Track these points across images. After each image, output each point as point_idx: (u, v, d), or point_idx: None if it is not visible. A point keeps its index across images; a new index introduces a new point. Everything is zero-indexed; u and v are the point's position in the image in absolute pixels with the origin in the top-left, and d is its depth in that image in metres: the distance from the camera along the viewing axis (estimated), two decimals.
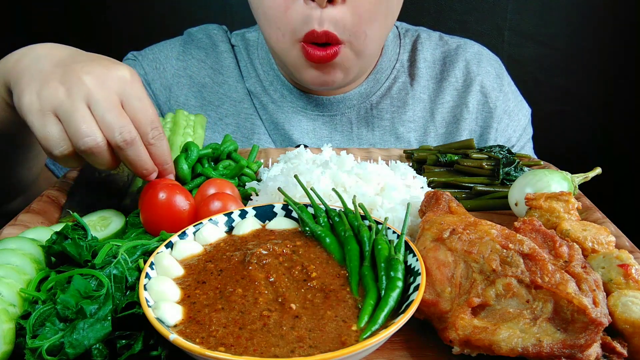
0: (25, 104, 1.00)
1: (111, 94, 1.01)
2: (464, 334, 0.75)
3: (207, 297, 0.79)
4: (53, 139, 0.99)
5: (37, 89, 1.00)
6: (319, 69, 1.46)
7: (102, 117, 0.99)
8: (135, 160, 1.05)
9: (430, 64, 1.76)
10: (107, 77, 1.02)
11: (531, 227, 0.87)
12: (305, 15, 1.36)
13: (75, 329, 0.72)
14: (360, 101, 1.70)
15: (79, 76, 1.00)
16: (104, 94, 1.00)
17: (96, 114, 0.99)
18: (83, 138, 0.97)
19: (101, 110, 0.99)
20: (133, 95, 1.04)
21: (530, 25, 2.56)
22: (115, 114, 1.00)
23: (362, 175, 1.15)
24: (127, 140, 1.01)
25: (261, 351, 0.68)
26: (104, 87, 1.00)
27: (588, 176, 1.22)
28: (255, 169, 1.37)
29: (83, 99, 0.98)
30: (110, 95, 1.01)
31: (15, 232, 1.06)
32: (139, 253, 0.89)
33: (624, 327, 0.74)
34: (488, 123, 1.73)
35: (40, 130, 0.99)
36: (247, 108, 1.72)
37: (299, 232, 0.97)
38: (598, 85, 2.65)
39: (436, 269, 0.83)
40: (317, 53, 1.40)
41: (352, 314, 0.75)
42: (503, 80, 1.78)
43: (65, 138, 0.99)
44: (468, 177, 1.36)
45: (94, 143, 0.98)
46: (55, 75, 1.01)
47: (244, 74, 1.74)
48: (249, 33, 1.80)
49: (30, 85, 1.01)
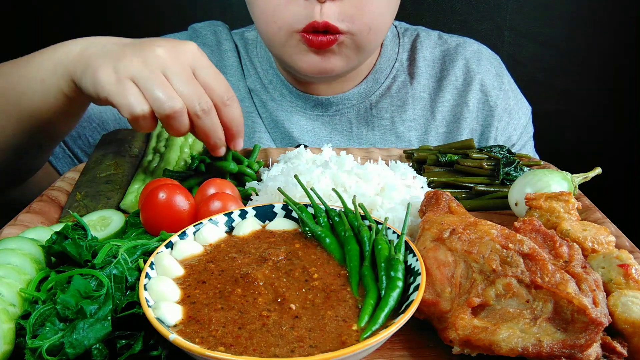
0: (102, 79, 1.05)
1: (185, 66, 1.08)
2: (464, 334, 0.75)
3: (206, 297, 0.79)
4: (135, 99, 1.04)
5: (113, 64, 1.06)
6: (318, 54, 1.44)
7: (180, 87, 1.06)
8: (211, 129, 1.13)
9: (429, 62, 1.75)
10: (178, 50, 1.09)
11: (531, 227, 0.87)
12: (304, 10, 1.35)
13: (75, 329, 0.72)
14: (360, 101, 1.69)
15: (152, 49, 1.07)
16: (178, 65, 1.07)
17: (174, 84, 1.05)
18: (165, 103, 1.04)
19: (178, 81, 1.06)
20: (205, 65, 1.12)
21: (530, 25, 2.56)
22: (193, 84, 1.07)
23: (362, 175, 1.15)
24: (205, 109, 1.08)
25: (261, 351, 0.68)
26: (177, 59, 1.08)
27: (588, 176, 1.22)
28: (256, 169, 1.36)
29: (159, 68, 1.05)
30: (184, 66, 1.08)
31: (15, 232, 1.06)
32: (139, 253, 0.89)
33: (624, 327, 0.74)
34: (489, 121, 1.73)
35: (121, 95, 1.04)
36: (248, 106, 1.72)
37: (298, 233, 0.97)
38: (598, 85, 2.64)
39: (436, 269, 0.83)
40: (318, 39, 1.38)
41: (353, 313, 0.76)
42: (503, 78, 1.77)
43: (145, 100, 1.05)
44: (468, 177, 1.36)
45: (177, 107, 1.05)
46: (128, 51, 1.07)
47: (245, 72, 1.74)
48: (248, 32, 1.79)
49: (105, 63, 1.06)
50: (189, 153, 1.41)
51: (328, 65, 1.47)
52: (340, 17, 1.35)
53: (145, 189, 1.10)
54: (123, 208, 1.23)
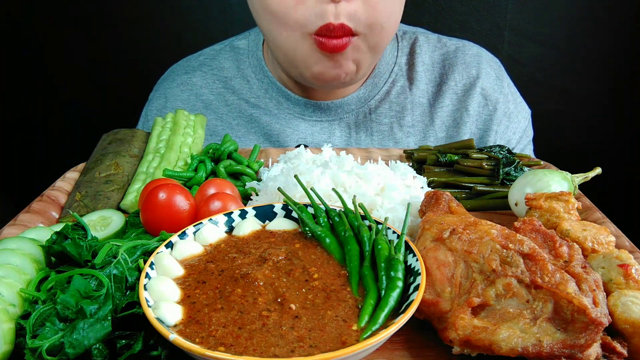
0: None
1: None
2: (464, 334, 0.75)
3: (207, 297, 0.79)
4: None
5: None
6: (331, 59, 1.42)
7: None
8: None
9: (429, 67, 1.74)
10: None
11: (531, 227, 0.87)
12: (318, 10, 1.33)
13: (75, 329, 0.72)
14: (359, 106, 1.69)
15: None
16: None
17: None
18: None
19: None
20: None
21: (530, 25, 2.56)
22: None
23: (362, 175, 1.15)
24: None
25: (261, 351, 0.68)
26: None
27: (588, 176, 1.21)
28: (256, 169, 1.36)
29: None
30: None
31: (15, 232, 1.06)
32: (139, 253, 0.89)
33: (624, 327, 0.74)
34: (488, 125, 1.72)
35: None
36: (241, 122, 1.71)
37: (298, 233, 0.97)
38: (598, 85, 2.64)
39: (436, 269, 0.83)
40: (330, 41, 1.36)
41: (353, 313, 0.76)
42: (503, 81, 1.76)
43: None
44: (468, 177, 1.36)
45: None
46: None
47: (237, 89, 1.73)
48: (238, 41, 1.77)
49: None
50: (189, 153, 1.41)
51: (341, 70, 1.45)
52: (355, 17, 1.34)
53: (145, 189, 1.10)
54: (123, 208, 1.23)
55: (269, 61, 1.69)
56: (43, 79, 2.57)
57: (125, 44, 2.54)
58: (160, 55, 2.22)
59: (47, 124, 2.70)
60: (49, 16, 2.45)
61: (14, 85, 2.59)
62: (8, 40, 2.48)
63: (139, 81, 2.14)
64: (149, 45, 2.54)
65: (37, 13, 2.44)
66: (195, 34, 2.53)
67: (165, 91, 1.78)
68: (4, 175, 2.74)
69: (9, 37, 2.48)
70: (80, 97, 2.61)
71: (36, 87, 2.60)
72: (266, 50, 1.70)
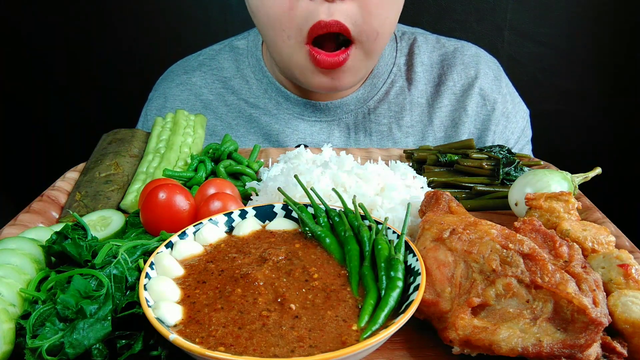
0: None
1: None
2: (464, 334, 0.75)
3: (207, 297, 0.79)
4: None
5: None
6: (328, 74, 1.44)
7: None
8: None
9: (427, 67, 1.74)
10: None
11: (531, 227, 0.87)
12: (311, 10, 1.33)
13: (75, 329, 0.72)
14: (358, 106, 1.69)
15: None
16: None
17: None
18: None
19: None
20: None
21: (530, 25, 2.56)
22: None
23: (362, 175, 1.15)
24: None
25: (261, 351, 0.68)
26: None
27: (588, 176, 1.21)
28: (256, 169, 1.36)
29: None
30: None
31: (15, 232, 1.06)
32: (139, 253, 0.89)
33: (624, 327, 0.74)
34: (486, 125, 1.72)
35: None
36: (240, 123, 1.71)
37: (298, 233, 0.97)
38: (598, 85, 2.64)
39: (436, 269, 0.83)
40: (326, 59, 1.37)
41: (353, 313, 0.76)
42: (501, 82, 1.77)
43: None
44: (468, 177, 1.36)
45: None
46: None
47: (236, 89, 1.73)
48: (238, 41, 1.78)
49: None
50: (189, 153, 1.41)
51: (339, 83, 1.47)
52: (351, 19, 1.34)
53: (145, 189, 1.10)
54: (123, 208, 1.23)
55: (268, 61, 1.69)
56: (43, 79, 2.57)
57: (125, 44, 2.54)
58: (160, 55, 2.22)
59: (47, 124, 2.70)
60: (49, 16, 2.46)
61: (14, 85, 2.59)
62: (8, 40, 2.48)
63: (139, 81, 2.14)
64: (149, 45, 2.53)
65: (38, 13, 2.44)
66: (195, 34, 2.53)
67: (164, 91, 1.78)
68: (4, 175, 2.74)
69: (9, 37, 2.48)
70: (80, 97, 2.61)
71: (36, 87, 2.60)
72: (265, 50, 1.70)
